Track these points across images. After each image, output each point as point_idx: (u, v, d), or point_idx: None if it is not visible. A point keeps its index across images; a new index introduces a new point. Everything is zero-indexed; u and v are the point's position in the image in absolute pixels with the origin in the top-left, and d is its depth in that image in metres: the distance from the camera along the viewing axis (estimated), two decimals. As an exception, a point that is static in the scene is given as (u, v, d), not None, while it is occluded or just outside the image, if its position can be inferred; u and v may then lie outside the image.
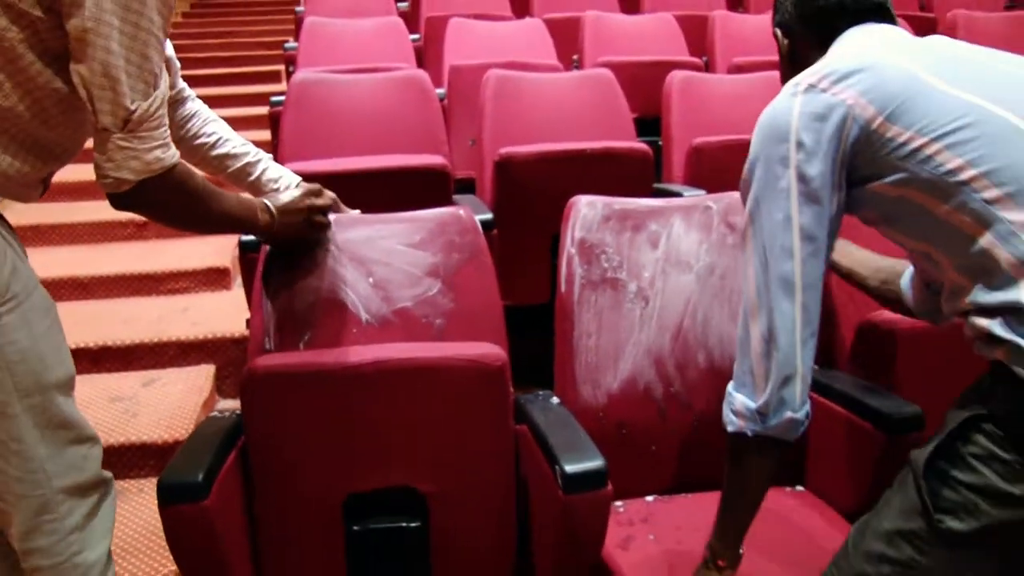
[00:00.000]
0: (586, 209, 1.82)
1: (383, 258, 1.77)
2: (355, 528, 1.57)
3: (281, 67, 5.82)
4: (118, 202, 1.32)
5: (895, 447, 1.60)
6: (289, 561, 1.56)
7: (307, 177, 2.09)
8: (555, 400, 1.70)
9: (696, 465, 1.79)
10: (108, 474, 1.49)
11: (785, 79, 1.37)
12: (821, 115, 1.17)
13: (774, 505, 1.31)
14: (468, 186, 2.94)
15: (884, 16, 1.32)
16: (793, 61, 1.42)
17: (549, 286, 2.52)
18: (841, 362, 1.97)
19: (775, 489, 1.64)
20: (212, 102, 1.86)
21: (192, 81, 1.81)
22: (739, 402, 1.25)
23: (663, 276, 1.82)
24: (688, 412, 1.79)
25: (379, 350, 1.56)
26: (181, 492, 1.32)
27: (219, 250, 3.37)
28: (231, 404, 2.75)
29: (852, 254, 1.67)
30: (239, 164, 1.82)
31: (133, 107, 1.23)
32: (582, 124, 2.85)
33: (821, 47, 1.34)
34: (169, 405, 2.44)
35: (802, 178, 1.17)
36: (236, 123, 4.73)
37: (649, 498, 1.76)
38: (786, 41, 1.44)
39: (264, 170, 1.83)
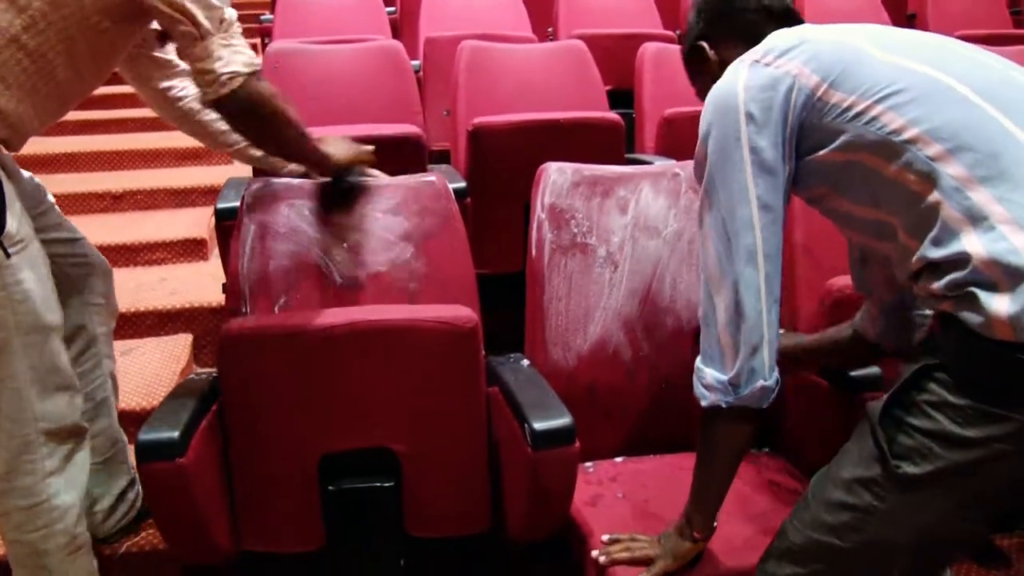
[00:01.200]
0: (556, 175, 1.85)
1: (357, 223, 1.80)
2: (330, 488, 1.61)
3: (256, 40, 5.78)
4: (232, 104, 1.46)
5: (855, 406, 1.65)
6: (267, 521, 1.60)
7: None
8: (525, 362, 1.74)
9: (664, 426, 1.84)
10: (85, 425, 1.53)
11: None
12: (767, 86, 1.21)
13: (741, 469, 1.35)
14: (443, 156, 2.96)
15: (798, 21, 1.39)
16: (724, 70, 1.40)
17: (522, 254, 2.55)
18: (802, 328, 2.02)
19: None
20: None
21: None
22: (709, 375, 1.28)
23: (632, 241, 1.86)
24: (656, 374, 1.83)
25: (352, 312, 1.59)
26: (158, 449, 1.35)
27: (196, 221, 3.38)
28: (208, 372, 2.76)
29: (802, 341, 1.66)
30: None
31: (225, 9, 1.41)
32: (555, 95, 2.87)
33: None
34: (147, 374, 2.46)
35: (754, 150, 1.21)
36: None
37: (618, 459, 1.81)
38: (713, 53, 1.44)
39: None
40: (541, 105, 2.76)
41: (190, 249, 3.21)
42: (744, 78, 1.24)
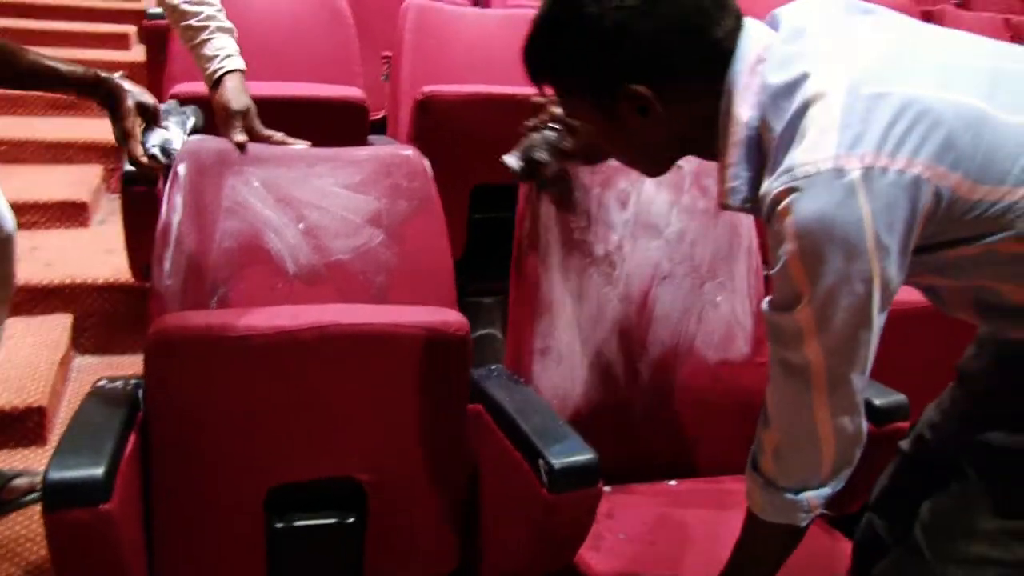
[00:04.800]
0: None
1: (316, 200, 1.49)
2: (278, 525, 1.31)
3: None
4: None
5: (882, 442, 1.48)
6: (198, 565, 1.28)
7: (201, 100, 1.76)
8: (514, 376, 1.48)
9: (655, 451, 1.62)
10: None
11: (651, 157, 1.11)
12: (896, 203, 0.89)
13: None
14: (377, 127, 2.64)
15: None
16: (670, 122, 1.01)
17: (463, 243, 2.29)
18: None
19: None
20: (56, 13, 1.53)
21: None
22: (809, 498, 1.07)
23: (631, 240, 1.62)
24: (651, 393, 1.61)
25: (319, 312, 1.29)
26: (77, 493, 1.01)
27: (76, 181, 2.93)
28: (91, 361, 2.37)
29: None
30: (184, 22, 1.58)
31: None
32: (508, 67, 2.59)
33: (708, 82, 1.00)
34: (18, 363, 2.05)
35: (886, 285, 0.93)
36: (86, 40, 4.24)
37: (607, 488, 1.57)
38: (658, 102, 0.99)
39: (204, 42, 1.57)
40: (494, 78, 2.47)
41: (68, 213, 2.77)
42: (866, 199, 0.88)
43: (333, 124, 2.10)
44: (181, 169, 1.42)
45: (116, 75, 1.34)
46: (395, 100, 2.53)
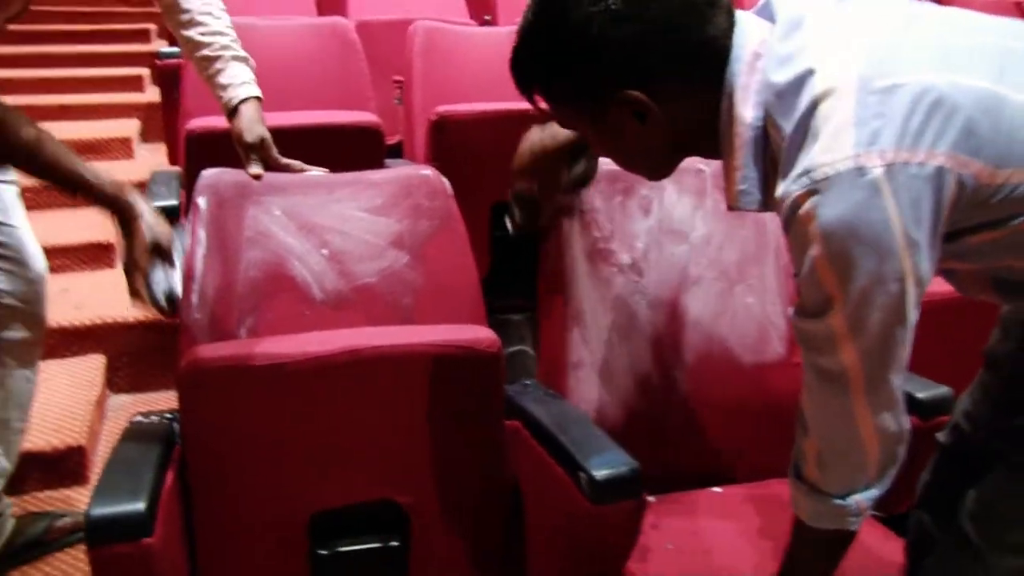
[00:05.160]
0: (573, 169, 1.58)
1: (338, 225, 1.49)
2: (322, 552, 1.30)
3: (151, 26, 5.30)
4: None
5: (925, 436, 1.45)
6: (241, 598, 1.27)
7: (216, 135, 1.78)
8: (549, 391, 1.47)
9: (698, 458, 1.60)
10: None
11: (654, 162, 1.07)
12: (921, 196, 0.87)
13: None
14: (394, 151, 2.64)
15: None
16: (669, 126, 0.98)
17: (488, 260, 2.28)
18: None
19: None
20: (72, 61, 1.55)
21: (49, 38, 1.50)
22: (858, 501, 1.04)
23: (657, 247, 1.61)
24: (687, 400, 1.59)
25: (349, 336, 1.28)
26: (118, 528, 1.01)
27: (100, 222, 2.94)
28: (125, 400, 2.38)
29: None
30: (198, 53, 1.59)
31: None
32: (510, 85, 2.59)
33: (705, 83, 0.97)
34: (55, 404, 2.07)
35: (920, 281, 0.91)
36: (102, 84, 4.29)
37: (650, 499, 1.55)
38: (654, 103, 0.96)
39: (219, 71, 1.57)
40: (506, 94, 2.47)
41: (94, 255, 2.79)
42: (891, 195, 0.86)
43: (349, 150, 2.11)
44: (201, 202, 1.43)
45: (134, 196, 1.30)
46: (409, 123, 2.53)
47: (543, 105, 1.05)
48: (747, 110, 0.95)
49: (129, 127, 3.82)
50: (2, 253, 1.62)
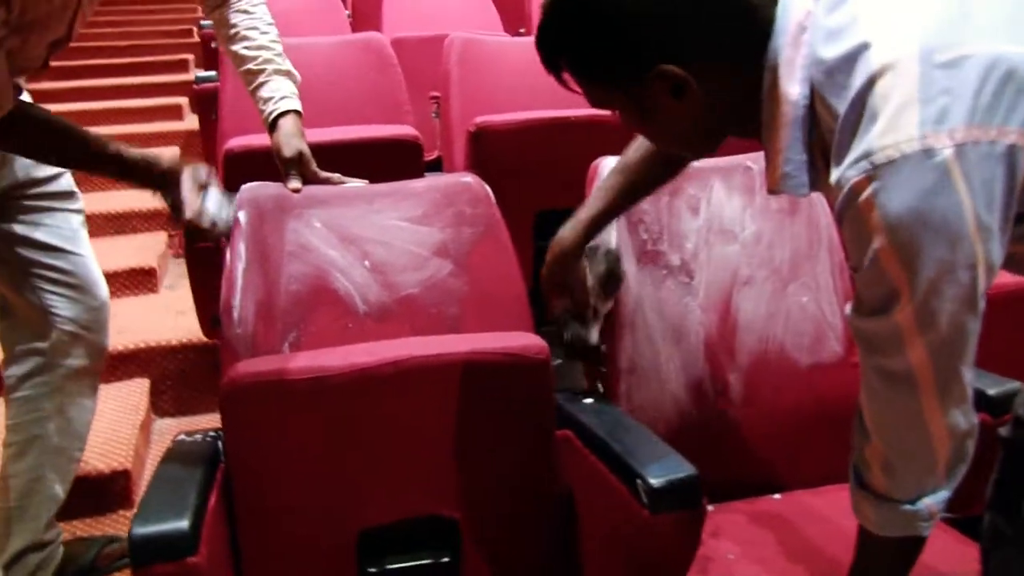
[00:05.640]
0: (618, 170, 1.54)
1: (380, 236, 1.46)
2: (372, 571, 1.26)
3: (189, 56, 5.37)
4: None
5: (995, 430, 1.38)
6: (291, 619, 1.24)
7: (254, 153, 1.76)
8: (599, 399, 1.42)
9: (753, 465, 1.54)
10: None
11: (693, 141, 1.01)
12: (993, 176, 0.81)
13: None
14: (434, 166, 2.62)
15: None
16: (707, 103, 0.92)
17: (533, 272, 2.25)
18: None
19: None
20: (113, 93, 1.56)
21: (89, 72, 1.51)
22: (928, 504, 0.98)
23: (706, 247, 1.56)
24: (744, 404, 1.53)
25: (395, 347, 1.25)
26: (163, 547, 0.99)
27: (142, 248, 2.97)
28: (170, 423, 2.38)
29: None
30: (243, 67, 1.61)
31: None
32: (555, 91, 2.56)
33: (746, 57, 0.92)
34: (101, 429, 2.06)
35: (990, 268, 0.85)
36: (142, 114, 4.35)
37: (709, 507, 1.49)
38: (695, 81, 0.90)
39: (261, 85, 1.58)
40: (543, 103, 2.44)
41: (137, 280, 2.81)
42: (961, 177, 0.80)
43: (388, 164, 2.08)
44: (241, 216, 1.41)
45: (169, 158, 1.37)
46: (448, 137, 2.51)
47: (572, 85, 0.99)
48: (792, 87, 0.89)
49: (169, 154, 3.85)
50: (67, 280, 1.62)
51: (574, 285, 1.35)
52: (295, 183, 1.47)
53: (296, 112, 1.55)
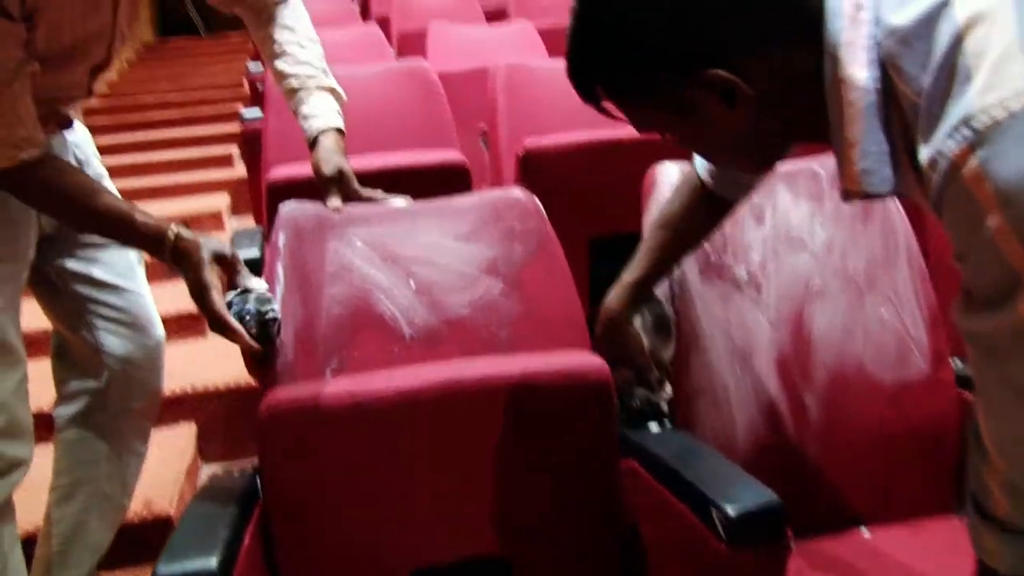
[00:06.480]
0: (676, 176, 1.44)
1: (425, 255, 1.38)
2: (422, 615, 1.16)
3: (238, 106, 5.43)
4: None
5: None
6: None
7: (297, 183, 1.70)
8: (658, 426, 1.31)
9: (836, 495, 1.40)
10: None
11: (756, 150, 0.91)
12: None
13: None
14: (481, 194, 2.56)
15: None
16: (763, 105, 0.82)
17: (588, 298, 2.15)
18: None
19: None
20: (164, 145, 1.51)
21: (143, 125, 1.49)
22: None
23: (774, 257, 1.45)
24: (822, 428, 1.40)
25: (439, 369, 1.16)
26: (190, 587, 0.90)
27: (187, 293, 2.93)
28: (216, 469, 2.31)
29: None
30: (286, 85, 1.55)
31: None
32: (599, 117, 2.48)
33: (799, 48, 0.81)
34: (147, 474, 1.97)
35: None
36: (193, 164, 4.40)
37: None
38: (746, 84, 0.81)
39: (302, 102, 1.53)
40: (592, 125, 2.36)
41: (184, 324, 2.76)
42: None
43: (436, 191, 2.02)
44: (280, 237, 1.34)
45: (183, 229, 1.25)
46: (496, 165, 2.44)
47: (615, 112, 0.90)
48: (859, 70, 0.78)
49: (219, 202, 3.88)
50: (121, 318, 1.56)
51: (631, 351, 1.28)
52: (335, 202, 1.40)
53: (338, 130, 1.48)
